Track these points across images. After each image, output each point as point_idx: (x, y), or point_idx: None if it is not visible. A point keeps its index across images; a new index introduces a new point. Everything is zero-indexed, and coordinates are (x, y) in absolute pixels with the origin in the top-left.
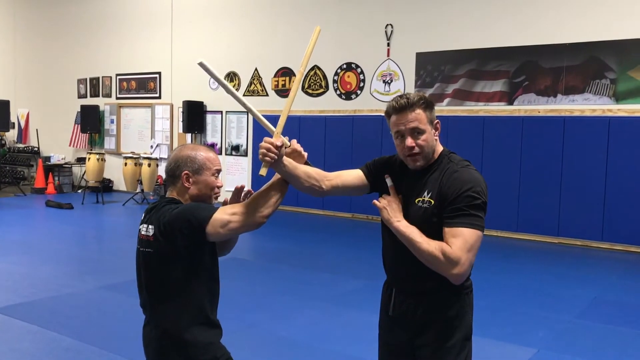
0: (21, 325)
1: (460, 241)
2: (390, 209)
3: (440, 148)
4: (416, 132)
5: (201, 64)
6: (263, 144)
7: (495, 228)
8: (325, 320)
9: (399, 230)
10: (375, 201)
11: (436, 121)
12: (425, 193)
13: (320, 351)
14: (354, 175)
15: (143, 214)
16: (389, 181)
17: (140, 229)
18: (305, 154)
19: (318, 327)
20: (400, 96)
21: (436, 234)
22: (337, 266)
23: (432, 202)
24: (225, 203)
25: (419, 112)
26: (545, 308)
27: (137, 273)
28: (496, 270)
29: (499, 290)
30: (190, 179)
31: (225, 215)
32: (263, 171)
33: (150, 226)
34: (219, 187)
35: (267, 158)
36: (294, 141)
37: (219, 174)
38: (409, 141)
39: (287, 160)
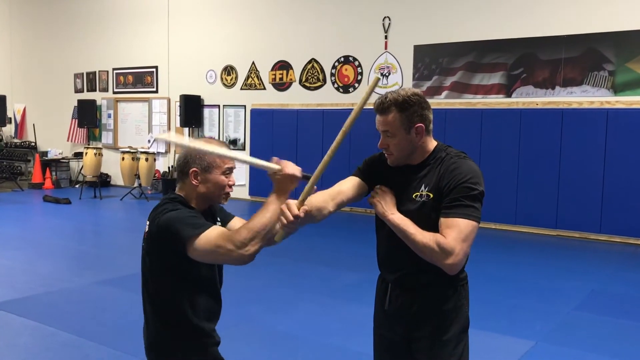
0: (19, 320)
1: (455, 232)
2: (384, 202)
3: (432, 145)
4: (388, 135)
5: (159, 140)
6: (287, 215)
7: (494, 221)
8: (322, 314)
9: (393, 223)
10: (369, 198)
11: (418, 125)
12: (423, 187)
13: (317, 344)
14: (352, 185)
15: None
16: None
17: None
18: (299, 170)
19: (315, 321)
20: (384, 95)
21: (434, 230)
22: (334, 259)
23: (431, 195)
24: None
25: (392, 116)
26: (543, 300)
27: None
28: (494, 262)
29: (496, 282)
30: (199, 177)
31: (210, 245)
32: (279, 237)
33: (149, 223)
34: (230, 186)
35: (287, 229)
36: (285, 163)
37: (231, 172)
38: (381, 141)
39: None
